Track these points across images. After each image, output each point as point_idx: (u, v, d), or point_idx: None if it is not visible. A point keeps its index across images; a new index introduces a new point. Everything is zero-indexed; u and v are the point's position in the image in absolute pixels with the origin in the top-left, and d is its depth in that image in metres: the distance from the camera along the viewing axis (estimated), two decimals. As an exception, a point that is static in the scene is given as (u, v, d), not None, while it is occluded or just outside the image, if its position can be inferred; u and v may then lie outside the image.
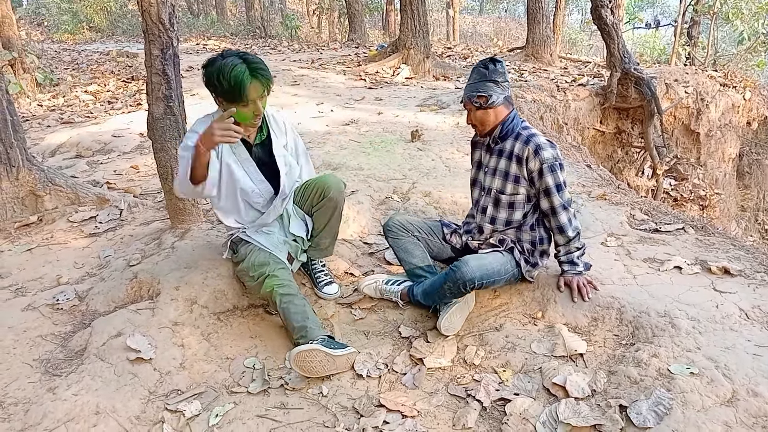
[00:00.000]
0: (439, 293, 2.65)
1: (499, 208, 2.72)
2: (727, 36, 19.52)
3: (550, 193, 2.59)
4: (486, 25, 29.63)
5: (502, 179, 2.67)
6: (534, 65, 10.50)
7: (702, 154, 9.38)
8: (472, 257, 2.61)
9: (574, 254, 2.70)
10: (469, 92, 2.62)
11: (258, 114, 2.49)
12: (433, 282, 2.71)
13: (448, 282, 2.57)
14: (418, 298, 2.79)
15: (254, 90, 2.40)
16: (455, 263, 2.59)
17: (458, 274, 2.53)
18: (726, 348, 2.23)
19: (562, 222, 2.63)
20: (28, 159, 3.65)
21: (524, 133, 2.63)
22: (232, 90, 2.36)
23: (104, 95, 8.23)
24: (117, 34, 20.58)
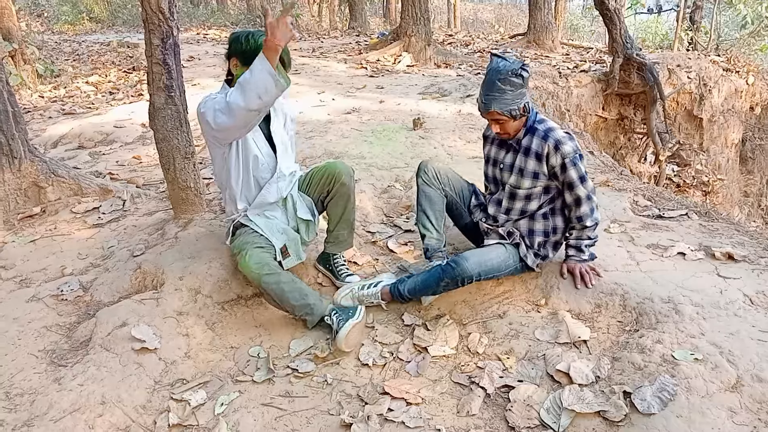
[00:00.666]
0: (432, 289, 2.66)
1: (515, 200, 2.68)
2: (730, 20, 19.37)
3: (574, 186, 2.54)
4: (487, 11, 29.45)
5: (518, 175, 2.62)
6: (536, 52, 10.44)
7: (705, 139, 9.35)
8: (472, 253, 2.62)
9: (584, 242, 2.68)
10: (494, 106, 2.45)
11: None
12: (425, 279, 2.68)
13: (445, 278, 2.58)
14: (405, 294, 2.72)
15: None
16: (454, 259, 2.59)
17: (458, 270, 2.54)
18: (730, 334, 2.24)
19: (584, 212, 2.59)
20: (30, 150, 3.65)
21: (541, 128, 2.56)
22: (255, 51, 2.39)
23: (105, 86, 8.21)
24: (117, 25, 20.49)
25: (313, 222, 2.91)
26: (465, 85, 7.21)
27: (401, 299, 2.76)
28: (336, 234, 2.96)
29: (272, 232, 2.72)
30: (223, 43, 12.42)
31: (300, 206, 2.84)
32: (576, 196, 2.56)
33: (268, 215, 2.77)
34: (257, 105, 2.31)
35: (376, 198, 3.90)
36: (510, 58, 2.44)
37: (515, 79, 2.41)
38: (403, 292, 2.72)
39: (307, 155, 4.63)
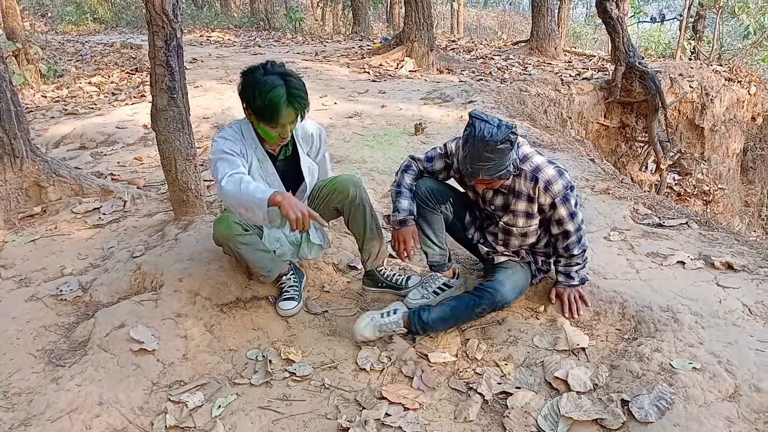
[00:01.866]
0: (465, 318, 2.58)
1: (511, 236, 2.60)
2: (732, 30, 19.40)
3: (563, 222, 2.48)
4: (490, 18, 29.54)
5: (511, 215, 2.53)
6: (538, 59, 10.47)
7: (706, 149, 9.37)
8: (504, 278, 2.57)
9: (573, 268, 2.62)
10: (482, 174, 2.28)
11: (284, 137, 2.45)
12: (456, 307, 2.55)
13: (482, 305, 2.52)
14: (430, 323, 2.54)
15: (287, 116, 2.34)
16: (489, 285, 2.54)
17: (497, 297, 2.50)
18: (729, 343, 2.24)
19: (571, 243, 2.53)
20: (32, 150, 3.65)
21: (527, 169, 2.42)
22: (264, 110, 2.30)
23: (108, 87, 8.22)
24: (121, 26, 20.54)
25: (323, 247, 2.91)
26: (467, 91, 7.22)
27: (422, 329, 2.55)
28: (368, 249, 2.85)
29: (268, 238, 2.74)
30: (227, 45, 12.45)
31: (312, 230, 2.82)
32: (564, 230, 2.50)
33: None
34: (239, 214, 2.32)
35: (376, 202, 3.90)
36: (494, 121, 2.21)
37: (504, 146, 2.20)
38: (428, 321, 2.53)
39: (308, 159, 4.63)
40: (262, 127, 2.40)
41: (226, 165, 2.35)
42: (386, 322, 2.54)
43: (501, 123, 2.20)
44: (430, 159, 2.71)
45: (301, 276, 2.96)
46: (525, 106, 7.11)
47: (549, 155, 4.83)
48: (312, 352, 2.54)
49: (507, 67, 9.54)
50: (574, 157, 4.99)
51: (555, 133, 6.01)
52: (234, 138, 2.47)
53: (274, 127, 2.37)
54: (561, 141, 5.55)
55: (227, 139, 2.44)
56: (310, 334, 2.67)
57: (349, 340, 2.60)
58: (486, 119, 2.20)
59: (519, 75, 8.67)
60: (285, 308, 2.75)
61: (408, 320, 2.55)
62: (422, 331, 2.55)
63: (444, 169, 2.69)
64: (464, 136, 2.27)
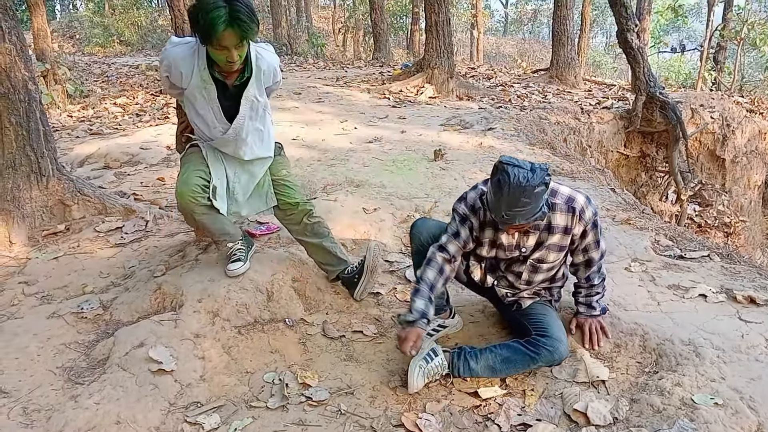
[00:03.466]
0: (518, 370, 2.46)
1: (537, 273, 2.52)
2: (753, 62, 19.35)
3: (589, 249, 2.45)
4: (510, 46, 29.74)
5: (545, 251, 2.44)
6: (558, 87, 10.50)
7: (727, 180, 9.28)
8: (556, 329, 2.45)
9: (594, 298, 2.59)
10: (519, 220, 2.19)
11: (232, 62, 2.41)
12: (507, 359, 2.44)
13: (539, 362, 2.41)
14: (477, 371, 2.45)
15: (228, 38, 2.30)
16: (547, 342, 2.40)
17: (556, 356, 2.40)
18: (751, 379, 2.20)
19: (592, 273, 2.51)
20: (58, 169, 3.72)
21: (559, 202, 2.36)
22: (205, 31, 2.29)
23: (133, 108, 8.38)
24: (146, 49, 20.98)
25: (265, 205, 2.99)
26: (486, 118, 7.25)
27: (468, 374, 2.46)
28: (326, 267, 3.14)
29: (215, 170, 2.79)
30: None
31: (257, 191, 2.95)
32: (588, 258, 2.48)
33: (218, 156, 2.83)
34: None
35: (395, 227, 3.91)
36: (525, 164, 2.13)
37: (540, 189, 2.13)
38: (475, 369, 2.45)
39: (328, 182, 4.67)
40: (209, 49, 2.41)
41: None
42: (433, 367, 2.43)
43: (534, 166, 2.13)
44: (456, 235, 2.49)
45: (251, 243, 3.18)
46: (545, 134, 7.11)
47: (569, 184, 4.82)
48: (328, 377, 2.53)
49: (527, 94, 9.57)
50: (594, 186, 4.97)
51: (575, 161, 6.00)
52: (184, 54, 2.54)
53: (217, 49, 2.36)
54: (581, 170, 5.54)
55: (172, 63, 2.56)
56: (327, 358, 2.66)
57: (366, 365, 2.60)
58: (518, 164, 2.12)
59: (539, 103, 8.70)
60: (232, 269, 2.93)
61: (452, 362, 2.46)
62: (467, 375, 2.46)
63: (469, 236, 2.49)
64: (495, 183, 2.16)
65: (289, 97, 8.78)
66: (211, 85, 2.59)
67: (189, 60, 2.53)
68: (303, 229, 3.00)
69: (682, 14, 15.58)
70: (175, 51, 2.55)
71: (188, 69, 2.54)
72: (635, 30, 7.75)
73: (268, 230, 3.60)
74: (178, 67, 2.54)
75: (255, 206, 2.97)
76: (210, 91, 2.60)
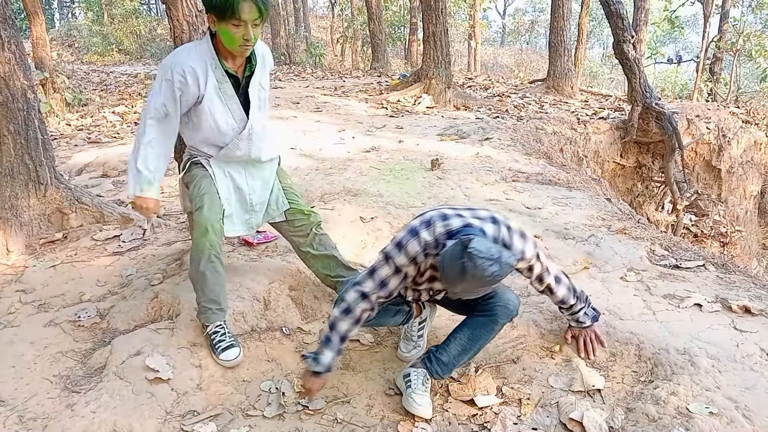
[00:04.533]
0: (486, 339, 2.40)
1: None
2: (749, 73, 19.47)
3: (543, 278, 2.36)
4: (507, 56, 29.88)
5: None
6: (555, 97, 10.55)
7: (723, 190, 9.32)
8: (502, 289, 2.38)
9: (578, 314, 2.54)
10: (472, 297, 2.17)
11: (248, 40, 2.37)
12: (471, 336, 2.38)
13: (500, 321, 2.36)
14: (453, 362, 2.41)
15: (248, 9, 2.28)
16: (496, 300, 2.34)
17: (511, 305, 2.35)
18: (746, 388, 2.21)
19: (564, 296, 2.44)
20: (56, 177, 3.74)
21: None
22: (224, 4, 2.25)
23: (131, 116, 8.40)
24: (145, 57, 21.06)
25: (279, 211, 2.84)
26: (483, 128, 7.29)
27: (446, 369, 2.41)
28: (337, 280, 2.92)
29: (223, 189, 2.64)
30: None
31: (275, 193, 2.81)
32: (547, 285, 2.40)
33: (227, 172, 2.68)
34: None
35: (392, 236, 3.91)
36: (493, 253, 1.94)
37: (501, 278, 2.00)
38: (449, 360, 2.39)
39: (326, 191, 4.68)
40: (224, 29, 2.33)
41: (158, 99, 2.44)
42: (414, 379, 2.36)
43: (502, 257, 1.95)
44: (383, 285, 2.25)
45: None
46: (541, 144, 7.15)
47: (565, 193, 4.85)
48: (325, 386, 2.53)
49: (523, 105, 9.62)
50: (590, 195, 4.99)
51: (571, 171, 6.02)
52: (194, 57, 2.44)
53: (236, 25, 2.30)
54: (577, 180, 5.56)
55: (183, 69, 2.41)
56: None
57: (363, 374, 2.60)
58: (485, 254, 1.92)
59: (535, 113, 8.74)
60: (230, 358, 2.58)
61: (428, 369, 2.39)
62: (447, 372, 2.41)
63: (398, 285, 2.30)
64: (459, 267, 1.95)
65: (287, 106, 8.82)
66: (227, 82, 2.53)
67: (201, 62, 2.45)
68: (311, 241, 2.86)
69: (678, 25, 15.70)
70: (184, 56, 2.44)
71: (203, 70, 2.46)
72: (631, 41, 7.80)
73: (265, 239, 3.61)
74: (194, 72, 2.43)
75: (269, 213, 2.83)
76: (226, 88, 2.53)
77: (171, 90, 2.43)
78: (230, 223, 2.69)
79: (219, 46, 2.47)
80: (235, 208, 2.72)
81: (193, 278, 2.61)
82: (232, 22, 2.30)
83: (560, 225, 4.04)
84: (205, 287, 2.59)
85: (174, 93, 2.43)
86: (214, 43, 2.47)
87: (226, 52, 2.47)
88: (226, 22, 2.30)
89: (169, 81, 2.42)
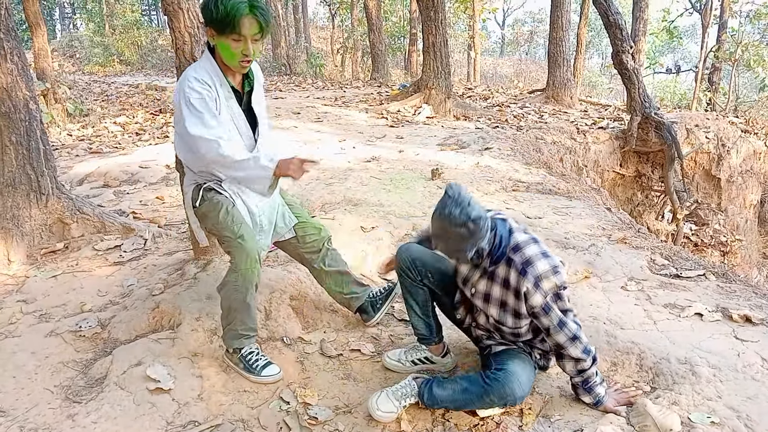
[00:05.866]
0: (475, 404, 2.26)
1: (504, 334, 2.36)
2: (748, 82, 19.54)
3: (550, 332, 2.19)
4: (507, 66, 29.98)
5: (500, 309, 2.27)
6: (554, 107, 10.59)
7: (723, 199, 9.33)
8: (517, 368, 2.25)
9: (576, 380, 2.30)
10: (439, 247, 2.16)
11: (247, 56, 2.33)
12: (466, 390, 2.25)
13: (492, 396, 2.20)
14: (438, 401, 2.29)
15: (248, 25, 2.26)
16: (501, 375, 2.21)
17: (508, 390, 2.18)
18: (748, 398, 2.21)
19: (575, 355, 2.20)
20: (58, 187, 3.75)
21: (517, 260, 2.15)
22: (225, 18, 2.23)
23: (132, 127, 8.42)
24: (146, 68, 21.15)
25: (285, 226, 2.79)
26: (483, 138, 7.31)
27: (431, 403, 2.31)
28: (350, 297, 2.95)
29: (243, 211, 2.56)
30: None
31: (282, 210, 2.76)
32: (554, 342, 2.21)
33: (237, 194, 2.58)
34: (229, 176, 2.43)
35: (393, 246, 3.92)
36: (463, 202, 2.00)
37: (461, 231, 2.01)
38: (437, 397, 2.28)
39: (326, 201, 4.69)
40: (224, 44, 2.31)
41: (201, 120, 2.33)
42: (400, 387, 2.34)
43: (466, 209, 1.97)
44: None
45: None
46: (541, 153, 7.16)
47: (565, 203, 4.86)
48: (326, 396, 2.53)
49: (523, 115, 9.65)
50: (590, 205, 5.00)
51: (571, 181, 6.04)
52: (206, 73, 2.39)
53: (236, 40, 2.28)
54: (577, 189, 5.57)
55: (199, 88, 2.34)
56: (325, 377, 2.66)
57: (365, 384, 2.60)
58: (456, 198, 1.99)
59: (535, 123, 8.76)
60: (272, 373, 2.58)
61: (419, 389, 2.33)
62: (431, 405, 2.31)
63: None
64: (438, 202, 2.06)
65: (287, 116, 8.85)
66: (233, 98, 2.49)
67: (210, 78, 2.40)
68: (323, 256, 2.83)
69: (677, 36, 15.78)
70: (201, 72, 2.39)
71: (213, 86, 2.41)
72: (630, 51, 7.84)
73: (266, 249, 3.61)
74: (214, 85, 2.40)
75: (277, 232, 2.76)
76: (232, 105, 2.48)
77: (205, 103, 2.36)
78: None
79: (219, 61, 2.43)
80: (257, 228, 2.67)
81: (234, 308, 2.52)
82: (232, 37, 2.28)
83: (560, 234, 4.05)
84: (246, 317, 2.55)
85: (208, 104, 2.37)
86: (214, 58, 2.45)
87: (226, 68, 2.44)
88: (225, 37, 2.29)
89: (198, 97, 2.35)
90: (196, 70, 2.40)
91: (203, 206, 2.55)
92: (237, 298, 2.49)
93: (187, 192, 2.64)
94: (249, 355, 2.60)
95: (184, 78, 2.39)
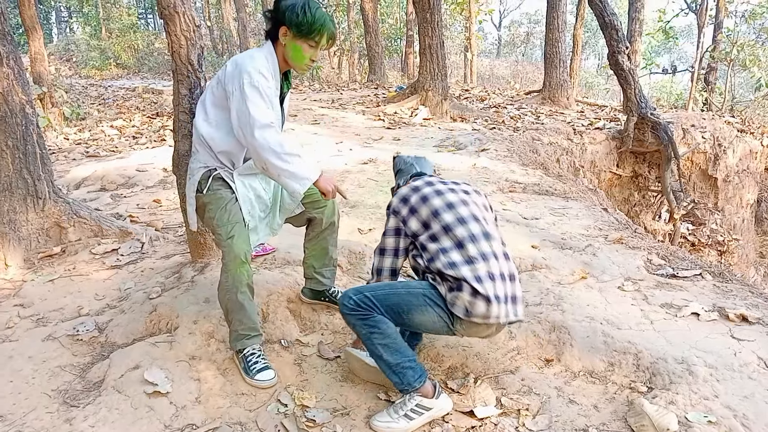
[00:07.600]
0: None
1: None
2: (744, 82, 19.61)
3: None
4: (503, 68, 30.02)
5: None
6: (551, 108, 10.60)
7: (720, 199, 9.35)
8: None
9: None
10: None
11: (314, 60, 2.52)
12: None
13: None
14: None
15: (327, 37, 2.44)
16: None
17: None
18: (744, 397, 2.21)
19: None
20: (55, 191, 3.74)
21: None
22: (311, 25, 2.38)
23: (129, 130, 8.42)
24: (143, 71, 21.13)
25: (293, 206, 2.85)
26: (480, 139, 7.32)
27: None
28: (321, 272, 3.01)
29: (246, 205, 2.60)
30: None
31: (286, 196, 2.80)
32: None
33: (247, 183, 2.64)
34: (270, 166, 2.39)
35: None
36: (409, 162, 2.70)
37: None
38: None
39: (323, 204, 4.69)
40: (297, 45, 2.43)
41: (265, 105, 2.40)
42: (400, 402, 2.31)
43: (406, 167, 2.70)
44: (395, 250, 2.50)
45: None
46: (538, 154, 7.18)
47: (562, 203, 4.87)
48: (324, 398, 2.53)
49: (520, 116, 9.67)
50: (587, 206, 5.01)
51: (568, 181, 6.05)
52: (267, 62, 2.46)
53: (313, 45, 2.44)
54: (574, 190, 5.58)
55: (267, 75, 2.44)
56: (323, 379, 2.66)
57: (362, 386, 2.60)
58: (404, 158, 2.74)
59: (532, 124, 8.78)
60: (264, 379, 2.56)
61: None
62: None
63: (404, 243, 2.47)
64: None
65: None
66: (277, 96, 2.58)
67: (271, 70, 2.49)
68: (331, 227, 2.91)
69: (673, 36, 15.82)
70: (264, 62, 2.45)
71: (272, 77, 2.50)
72: (626, 52, 7.86)
73: (263, 251, 3.62)
74: (273, 79, 2.49)
75: (286, 208, 2.83)
76: (275, 102, 2.56)
77: (270, 91, 2.46)
78: (255, 234, 2.68)
79: (280, 58, 2.52)
80: (259, 219, 2.73)
81: (230, 308, 2.56)
82: (309, 43, 2.44)
83: (557, 235, 4.06)
84: (243, 317, 2.58)
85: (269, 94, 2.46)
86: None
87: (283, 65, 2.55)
88: (303, 40, 2.43)
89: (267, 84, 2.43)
90: (259, 59, 2.45)
91: (207, 195, 2.58)
92: (230, 298, 2.55)
93: (194, 174, 2.64)
94: (250, 356, 2.62)
95: (250, 60, 2.42)
